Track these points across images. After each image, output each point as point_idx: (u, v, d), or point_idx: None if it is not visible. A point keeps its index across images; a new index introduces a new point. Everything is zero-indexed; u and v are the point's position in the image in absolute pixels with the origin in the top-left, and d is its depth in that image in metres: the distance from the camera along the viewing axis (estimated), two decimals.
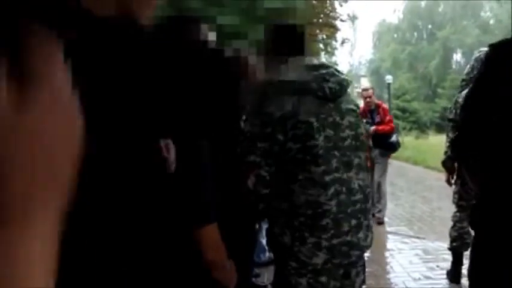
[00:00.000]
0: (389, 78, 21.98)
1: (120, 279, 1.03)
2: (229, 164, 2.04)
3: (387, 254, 5.30)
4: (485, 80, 1.53)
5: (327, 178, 1.86)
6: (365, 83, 8.91)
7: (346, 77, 2.02)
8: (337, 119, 1.91)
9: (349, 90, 2.06)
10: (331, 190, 1.87)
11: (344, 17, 15.54)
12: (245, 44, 7.87)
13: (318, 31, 14.57)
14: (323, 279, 1.94)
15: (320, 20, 14.39)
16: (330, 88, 1.90)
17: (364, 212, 1.96)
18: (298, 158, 1.84)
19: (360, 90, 6.89)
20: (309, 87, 1.88)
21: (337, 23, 15.60)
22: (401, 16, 51.33)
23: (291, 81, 1.90)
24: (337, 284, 1.95)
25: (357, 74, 48.40)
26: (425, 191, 9.52)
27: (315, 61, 2.10)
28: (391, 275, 4.59)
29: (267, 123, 1.82)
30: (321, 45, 17.20)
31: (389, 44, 48.95)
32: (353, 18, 17.95)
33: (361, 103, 6.13)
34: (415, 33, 49.53)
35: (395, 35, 50.89)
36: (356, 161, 1.93)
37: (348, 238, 1.91)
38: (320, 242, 1.88)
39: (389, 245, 5.60)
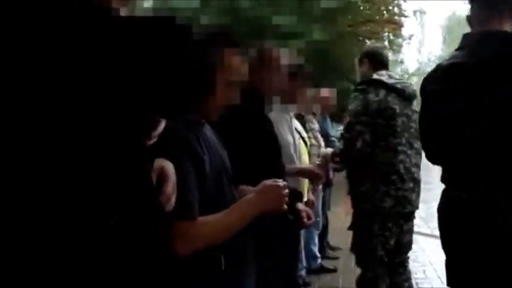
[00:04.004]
0: None
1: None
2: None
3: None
4: (441, 97, 1.84)
5: (399, 148, 2.79)
6: None
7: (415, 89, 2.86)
8: (409, 113, 2.88)
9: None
10: (400, 156, 2.79)
11: (408, 13, 15.07)
12: (301, 43, 7.74)
13: (380, 29, 14.17)
14: (389, 224, 2.80)
15: (383, 18, 14.00)
16: (409, 92, 2.92)
17: (417, 182, 2.87)
18: (382, 131, 2.77)
19: None
20: (395, 88, 2.87)
21: (402, 19, 15.12)
22: None
23: (381, 81, 2.86)
24: (397, 230, 2.83)
25: (426, 72, 45.98)
26: None
27: (396, 75, 3.13)
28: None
29: (367, 105, 2.78)
30: (386, 43, 16.75)
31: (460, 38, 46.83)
32: (420, 13, 17.37)
33: None
34: None
35: (466, 29, 48.66)
36: (416, 145, 2.83)
37: (407, 194, 2.79)
38: (389, 191, 2.75)
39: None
